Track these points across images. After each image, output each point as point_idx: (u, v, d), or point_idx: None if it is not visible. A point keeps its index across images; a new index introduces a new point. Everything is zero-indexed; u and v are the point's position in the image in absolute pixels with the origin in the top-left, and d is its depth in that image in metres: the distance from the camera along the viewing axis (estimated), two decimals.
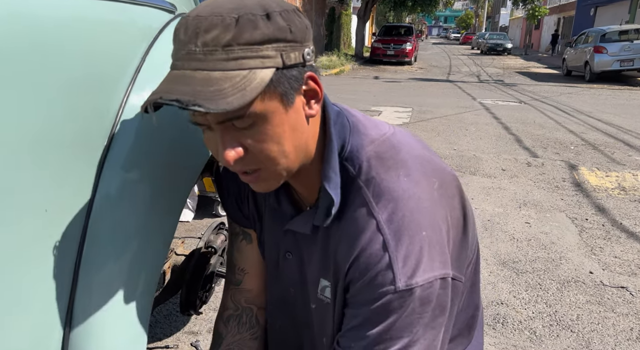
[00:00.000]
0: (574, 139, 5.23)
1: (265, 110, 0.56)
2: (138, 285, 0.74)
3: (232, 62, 0.53)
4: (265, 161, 0.59)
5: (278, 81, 0.55)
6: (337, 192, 0.64)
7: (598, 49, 11.35)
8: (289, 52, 0.55)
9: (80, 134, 0.69)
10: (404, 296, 0.60)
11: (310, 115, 0.61)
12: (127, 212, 0.73)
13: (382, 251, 0.61)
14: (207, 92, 0.51)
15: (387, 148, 0.67)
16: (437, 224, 0.63)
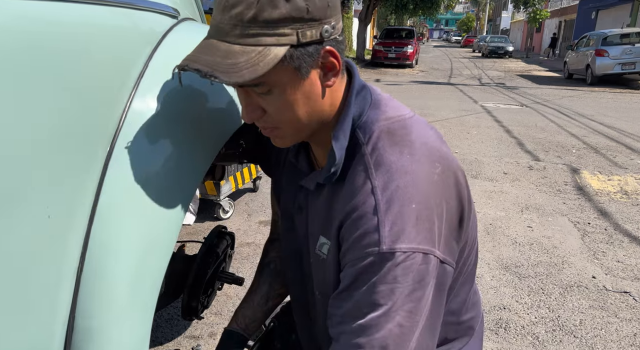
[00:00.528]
0: (576, 142, 5.22)
1: (280, 81, 0.62)
2: (141, 290, 0.74)
3: (251, 38, 0.59)
4: (280, 123, 0.68)
5: (292, 57, 0.61)
6: (341, 153, 0.69)
7: (599, 52, 11.35)
8: (305, 30, 0.60)
9: (83, 138, 0.68)
10: (387, 259, 0.62)
11: (328, 86, 0.67)
12: (129, 216, 0.73)
13: (372, 213, 0.64)
14: (224, 64, 0.58)
15: (399, 127, 0.70)
16: (429, 203, 0.65)
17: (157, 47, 0.86)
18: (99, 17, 0.73)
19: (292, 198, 0.85)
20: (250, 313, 1.00)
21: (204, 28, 1.06)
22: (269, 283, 1.01)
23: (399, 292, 0.63)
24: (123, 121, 0.76)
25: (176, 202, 0.80)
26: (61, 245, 0.65)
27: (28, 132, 0.58)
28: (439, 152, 0.70)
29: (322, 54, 0.63)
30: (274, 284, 1.01)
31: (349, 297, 0.66)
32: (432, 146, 0.70)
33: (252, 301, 1.01)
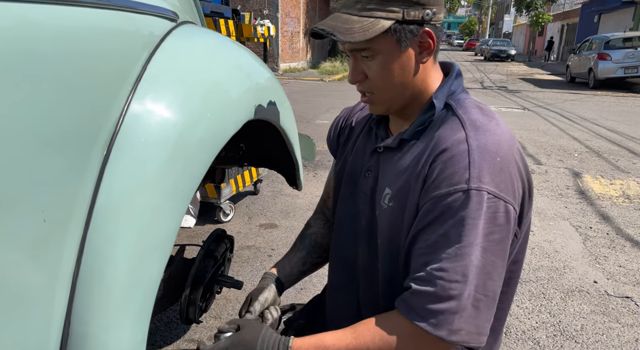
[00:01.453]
0: (578, 146, 5.20)
1: (382, 49, 0.76)
2: (137, 295, 0.73)
3: (366, 11, 0.74)
4: (378, 88, 0.80)
5: (395, 30, 0.74)
6: (440, 106, 0.79)
7: (602, 55, 11.33)
8: (410, 10, 0.74)
9: (80, 142, 0.68)
10: (474, 196, 0.69)
11: (421, 61, 0.79)
12: (126, 221, 0.72)
13: (465, 154, 0.72)
14: (342, 28, 0.74)
15: (486, 108, 0.81)
16: (510, 162, 0.73)
17: (155, 51, 0.86)
18: (97, 20, 0.73)
19: (360, 162, 0.92)
20: (289, 269, 1.05)
21: (203, 31, 1.06)
22: (308, 250, 1.08)
23: (482, 228, 0.69)
24: (120, 125, 0.76)
25: (173, 206, 0.80)
26: (57, 249, 0.64)
27: (24, 135, 0.58)
28: (515, 140, 0.79)
29: (421, 34, 0.76)
30: (312, 252, 1.08)
31: (434, 230, 0.72)
32: (511, 134, 0.79)
33: (291, 260, 1.07)
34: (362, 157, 0.92)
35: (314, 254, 1.08)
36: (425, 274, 0.71)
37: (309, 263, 1.08)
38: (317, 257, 1.08)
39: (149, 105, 0.80)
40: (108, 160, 0.72)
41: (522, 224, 0.78)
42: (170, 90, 0.84)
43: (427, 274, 0.71)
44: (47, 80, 0.61)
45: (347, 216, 0.94)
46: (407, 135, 0.81)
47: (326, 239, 1.08)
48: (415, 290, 0.71)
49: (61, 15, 0.65)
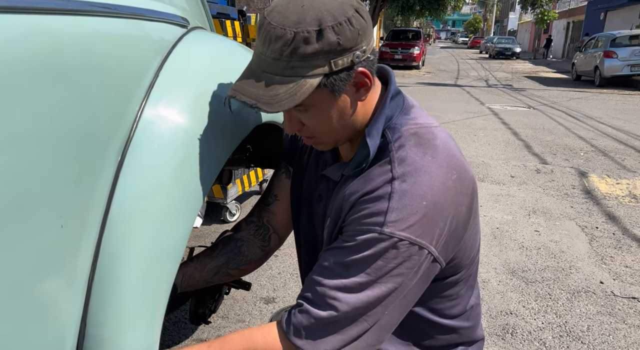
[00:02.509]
0: (584, 145, 5.19)
1: (316, 102, 0.71)
2: (151, 297, 0.75)
3: (289, 70, 0.67)
4: (317, 134, 0.77)
5: (325, 83, 0.69)
6: (374, 148, 0.76)
7: (608, 53, 11.26)
8: (337, 60, 0.68)
9: (94, 148, 0.69)
10: (384, 240, 0.69)
11: (360, 100, 0.75)
12: (140, 223, 0.74)
13: (384, 199, 0.71)
14: (266, 96, 0.68)
15: (426, 132, 0.77)
16: (439, 204, 0.71)
17: (167, 57, 0.87)
18: (109, 28, 0.74)
19: (313, 186, 0.91)
20: (197, 276, 0.98)
21: (212, 36, 1.07)
22: (228, 258, 0.99)
23: (387, 269, 0.70)
24: (134, 131, 0.77)
25: (186, 210, 0.81)
26: (73, 253, 0.66)
27: (41, 143, 0.59)
28: (458, 162, 0.76)
29: (355, 75, 0.71)
30: (231, 261, 0.99)
31: (339, 256, 0.72)
32: (453, 155, 0.76)
33: (204, 265, 0.98)
34: (314, 180, 0.91)
35: (233, 263, 1.00)
36: (317, 295, 0.72)
37: (223, 273, 0.99)
38: (234, 268, 1.00)
39: (162, 111, 0.81)
40: (122, 166, 0.74)
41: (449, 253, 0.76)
42: (182, 96, 0.85)
43: (320, 296, 0.72)
44: (63, 89, 0.62)
45: (310, 238, 0.94)
46: (347, 172, 0.79)
47: (252, 249, 1.01)
48: (305, 309, 0.73)
49: (75, 24, 0.66)
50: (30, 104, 0.57)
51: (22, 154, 0.56)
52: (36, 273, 0.60)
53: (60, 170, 0.62)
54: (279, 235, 1.03)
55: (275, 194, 1.02)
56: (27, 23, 0.57)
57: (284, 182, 1.01)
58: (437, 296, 0.83)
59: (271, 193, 1.03)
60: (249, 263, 1.01)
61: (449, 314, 0.86)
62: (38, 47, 0.58)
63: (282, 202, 1.01)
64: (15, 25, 0.55)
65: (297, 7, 0.67)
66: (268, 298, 2.06)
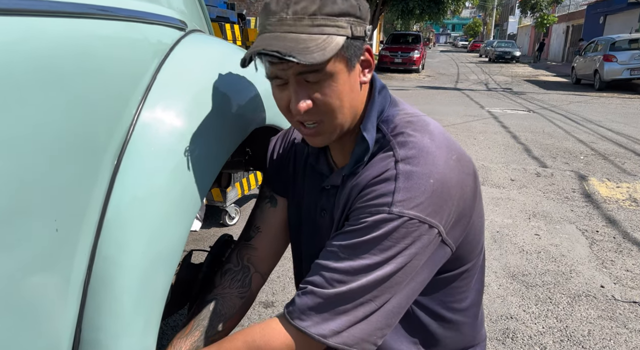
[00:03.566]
0: (584, 148, 5.18)
1: (334, 70, 0.69)
2: (147, 302, 0.74)
3: (316, 28, 0.67)
4: (328, 113, 0.72)
5: (347, 47, 0.69)
6: (372, 140, 0.76)
7: (608, 57, 11.28)
8: (357, 26, 0.70)
9: (90, 151, 0.69)
10: (393, 220, 0.68)
11: (364, 82, 0.75)
12: (136, 228, 0.73)
13: (391, 180, 0.70)
14: (298, 48, 0.65)
15: (419, 120, 0.78)
16: (446, 183, 0.71)
17: (165, 60, 0.87)
18: (107, 31, 0.74)
19: (314, 202, 0.88)
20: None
21: (210, 39, 1.07)
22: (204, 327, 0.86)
23: (396, 249, 0.69)
24: (131, 134, 0.76)
25: (182, 214, 0.80)
26: (68, 257, 0.65)
27: (36, 146, 0.59)
28: (454, 144, 0.77)
29: (364, 51, 0.73)
30: (209, 329, 0.86)
31: (347, 238, 0.71)
32: (448, 137, 0.77)
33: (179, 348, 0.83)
34: (313, 197, 0.88)
35: (211, 330, 0.85)
36: (325, 279, 0.70)
37: (206, 344, 0.84)
38: (214, 334, 0.86)
39: (159, 114, 0.81)
40: (119, 169, 0.73)
41: (457, 236, 0.76)
42: (180, 99, 0.85)
43: (328, 279, 0.70)
44: (59, 92, 0.62)
45: (312, 256, 0.89)
46: (347, 171, 0.78)
47: (229, 303, 0.89)
48: (310, 290, 0.71)
49: (73, 27, 0.66)
50: (26, 107, 0.57)
51: (17, 157, 0.55)
52: (31, 277, 0.60)
53: (55, 173, 0.62)
54: (261, 273, 0.95)
55: (257, 226, 0.95)
56: (24, 25, 0.57)
57: (268, 213, 0.95)
58: (445, 287, 0.82)
59: (253, 225, 0.96)
60: (229, 319, 0.89)
61: (457, 307, 0.85)
62: (34, 50, 0.58)
63: (264, 235, 0.94)
64: (11, 28, 0.55)
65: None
66: (267, 302, 2.05)
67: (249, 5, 11.93)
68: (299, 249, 0.95)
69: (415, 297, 0.75)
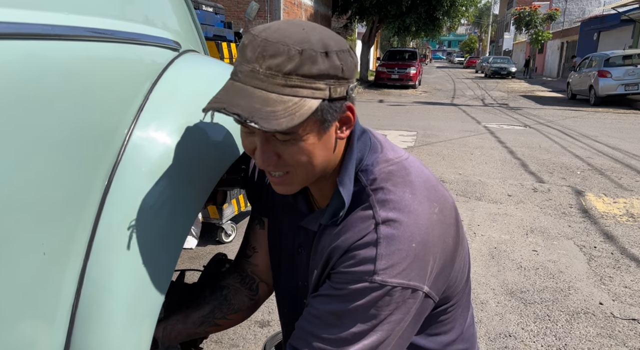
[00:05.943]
0: (580, 163, 5.20)
1: (305, 132, 0.65)
2: (137, 327, 0.73)
3: (288, 89, 0.61)
4: (295, 167, 0.69)
5: (321, 110, 0.64)
6: (348, 197, 0.72)
7: (602, 73, 11.41)
8: (337, 87, 0.64)
9: (80, 174, 0.69)
10: (377, 289, 0.67)
11: (341, 138, 0.71)
12: (125, 251, 0.72)
13: (372, 246, 0.68)
14: (263, 111, 0.60)
15: (399, 168, 0.74)
16: (428, 243, 0.69)
17: (157, 81, 0.87)
18: (99, 53, 0.74)
19: (292, 239, 0.86)
20: (180, 328, 0.90)
21: (204, 60, 1.08)
22: (213, 307, 0.92)
23: (382, 317, 0.68)
24: (122, 155, 0.76)
25: (173, 236, 0.80)
26: (56, 282, 0.64)
27: (25, 169, 0.58)
28: (436, 192, 0.74)
29: (344, 109, 0.68)
30: (218, 309, 0.92)
31: (330, 304, 0.70)
32: (430, 186, 0.74)
33: (187, 317, 0.90)
34: (291, 232, 0.86)
35: (219, 312, 0.92)
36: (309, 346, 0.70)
37: (209, 323, 0.91)
38: (221, 318, 0.92)
39: (151, 135, 0.81)
40: (109, 191, 0.73)
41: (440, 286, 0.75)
42: (172, 120, 0.85)
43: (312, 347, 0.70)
44: (49, 114, 0.62)
45: (289, 290, 0.90)
46: (324, 221, 0.75)
47: (239, 298, 0.94)
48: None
49: (64, 49, 0.66)
50: (15, 129, 0.56)
51: (5, 181, 0.55)
52: (17, 302, 0.59)
53: (44, 196, 0.61)
54: (266, 283, 0.97)
55: (253, 247, 0.96)
56: (15, 48, 0.57)
57: (259, 234, 0.95)
58: (432, 323, 0.82)
59: (249, 245, 0.97)
60: (237, 312, 0.93)
61: (446, 339, 0.85)
62: (25, 73, 0.58)
63: (261, 254, 0.95)
64: (4, 52, 0.55)
65: (298, 29, 0.63)
66: (263, 321, 2.02)
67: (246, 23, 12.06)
68: (278, 283, 0.94)
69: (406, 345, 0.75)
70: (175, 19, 1.10)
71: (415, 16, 16.10)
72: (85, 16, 0.73)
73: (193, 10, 1.22)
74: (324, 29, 0.67)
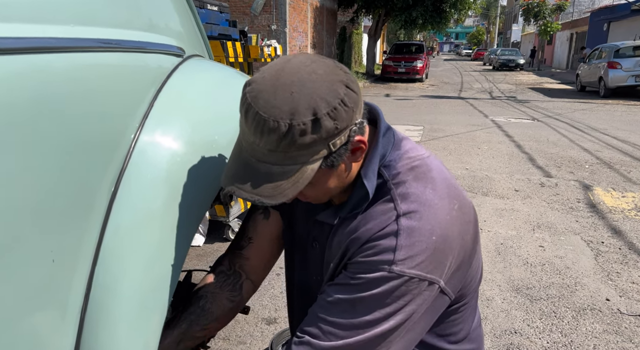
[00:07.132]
0: (589, 157, 5.16)
1: (315, 179, 0.68)
2: (144, 330, 0.75)
3: (289, 160, 0.65)
4: (313, 198, 0.76)
5: (325, 162, 0.67)
6: (372, 189, 0.74)
7: (612, 64, 11.26)
8: (335, 140, 0.66)
9: (87, 182, 0.70)
10: (394, 279, 0.68)
11: (355, 161, 0.73)
12: (132, 256, 0.74)
13: (392, 237, 0.69)
14: (268, 189, 0.65)
15: (420, 165, 0.77)
16: (448, 238, 0.71)
17: (162, 88, 0.88)
18: (105, 62, 0.76)
19: (306, 230, 0.87)
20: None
21: (208, 65, 1.09)
22: (190, 322, 0.87)
23: (396, 307, 0.69)
24: (127, 162, 0.78)
25: (179, 238, 0.81)
26: (65, 287, 0.66)
27: (33, 178, 0.60)
28: (456, 190, 0.77)
29: (352, 144, 0.69)
30: (194, 324, 0.87)
31: (345, 292, 0.71)
32: (450, 184, 0.77)
33: (163, 339, 0.83)
34: (305, 224, 0.87)
35: (197, 325, 0.88)
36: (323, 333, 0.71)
37: (188, 338, 0.87)
38: (199, 330, 0.88)
39: (156, 141, 0.82)
40: (115, 197, 0.75)
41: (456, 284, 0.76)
42: (177, 126, 0.86)
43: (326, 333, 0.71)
44: (55, 124, 0.63)
45: (303, 283, 0.91)
46: (344, 213, 0.77)
47: (219, 304, 0.90)
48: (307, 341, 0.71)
49: (69, 61, 0.68)
50: (22, 140, 0.58)
51: (13, 189, 0.57)
52: (27, 308, 0.61)
53: (52, 204, 0.63)
54: (252, 281, 0.95)
55: (249, 237, 0.94)
56: (22, 63, 0.59)
57: (260, 224, 0.94)
58: (442, 322, 0.83)
59: (245, 236, 0.95)
60: (216, 320, 0.90)
61: (455, 339, 0.86)
62: (31, 85, 0.60)
63: (256, 245, 0.94)
64: (8, 65, 0.57)
65: (286, 94, 0.63)
66: (270, 318, 2.05)
67: (252, 19, 12.03)
68: (292, 274, 0.95)
69: (414, 346, 0.75)
70: (179, 24, 1.11)
71: (421, 9, 15.97)
72: (90, 27, 0.74)
73: (197, 14, 1.23)
74: (317, 81, 0.64)
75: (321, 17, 16.27)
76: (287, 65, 0.67)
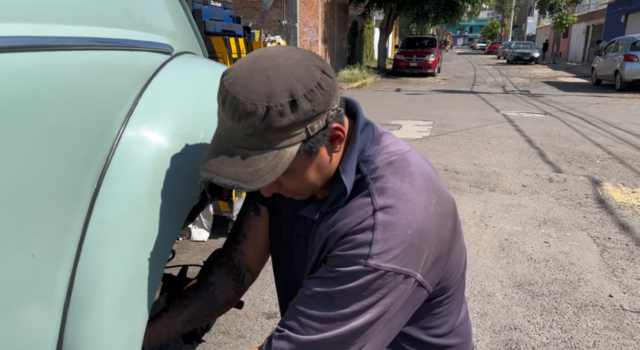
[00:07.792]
0: (600, 152, 5.08)
1: (295, 166, 0.69)
2: (128, 323, 0.76)
3: (266, 144, 0.65)
4: (294, 192, 0.76)
5: (304, 148, 0.68)
6: (350, 184, 0.75)
7: (629, 57, 11.02)
8: (313, 124, 0.66)
9: (70, 176, 0.72)
10: (370, 272, 0.69)
11: (335, 151, 0.74)
12: (114, 251, 0.76)
13: (368, 231, 0.71)
14: (246, 174, 0.65)
15: (399, 159, 0.77)
16: (424, 231, 0.72)
17: (147, 85, 0.90)
18: (92, 60, 0.77)
19: (291, 226, 0.89)
20: (166, 332, 0.92)
21: (197, 62, 1.10)
22: (200, 305, 0.94)
23: (373, 300, 0.70)
24: (111, 158, 0.80)
25: (163, 234, 0.83)
26: (48, 282, 0.68)
27: (15, 173, 0.62)
28: (435, 184, 0.77)
29: (330, 131, 0.70)
30: (204, 308, 0.94)
31: (323, 285, 0.72)
32: (429, 178, 0.77)
33: (173, 320, 0.92)
34: (290, 221, 0.89)
35: (205, 309, 0.95)
36: (300, 324, 0.72)
37: (196, 321, 0.95)
38: (207, 314, 0.96)
39: (140, 137, 0.84)
40: (98, 193, 0.77)
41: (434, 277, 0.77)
42: (161, 122, 0.88)
43: (305, 327, 0.72)
44: (38, 121, 0.65)
45: (289, 280, 0.93)
46: (325, 208, 0.78)
47: (225, 292, 0.97)
48: (286, 335, 0.73)
49: (56, 59, 0.69)
50: (5, 135, 0.60)
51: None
52: (7, 301, 0.63)
53: (34, 199, 0.65)
54: (252, 273, 0.99)
55: (244, 233, 0.98)
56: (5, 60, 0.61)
57: (253, 220, 0.97)
58: (426, 315, 0.84)
59: (240, 231, 0.99)
60: (223, 306, 0.98)
61: (439, 332, 0.86)
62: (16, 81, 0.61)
63: (251, 241, 0.97)
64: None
65: (263, 78, 0.64)
66: (270, 313, 2.07)
67: (263, 14, 12.03)
68: (278, 271, 0.97)
69: (392, 338, 0.76)
70: (169, 22, 1.12)
71: (434, 2, 15.79)
72: (78, 26, 0.76)
73: (189, 11, 1.25)
74: (293, 65, 0.66)
75: (332, 11, 16.20)
76: (264, 53, 0.69)
